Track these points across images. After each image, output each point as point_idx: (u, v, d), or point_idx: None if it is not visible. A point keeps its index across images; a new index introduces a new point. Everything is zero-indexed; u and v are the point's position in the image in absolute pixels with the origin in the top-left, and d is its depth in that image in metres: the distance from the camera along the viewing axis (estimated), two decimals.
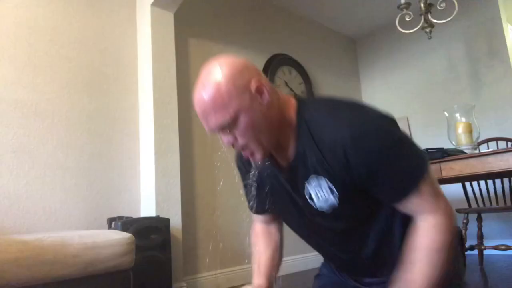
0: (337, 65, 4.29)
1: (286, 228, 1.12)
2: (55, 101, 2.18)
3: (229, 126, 0.84)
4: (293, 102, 0.92)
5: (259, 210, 1.10)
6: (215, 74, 0.84)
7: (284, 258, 1.18)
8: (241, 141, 0.86)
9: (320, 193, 0.89)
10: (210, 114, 0.84)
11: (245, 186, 1.09)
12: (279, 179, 0.96)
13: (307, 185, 0.90)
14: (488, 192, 2.81)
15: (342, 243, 0.96)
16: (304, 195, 0.91)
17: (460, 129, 2.35)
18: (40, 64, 2.16)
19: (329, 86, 4.06)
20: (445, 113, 2.55)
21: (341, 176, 0.84)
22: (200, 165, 2.76)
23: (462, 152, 2.24)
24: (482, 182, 2.91)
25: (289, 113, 0.90)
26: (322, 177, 0.87)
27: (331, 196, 0.87)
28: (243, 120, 0.83)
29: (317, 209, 0.90)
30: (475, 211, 2.75)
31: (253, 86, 0.85)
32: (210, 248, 2.58)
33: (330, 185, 0.87)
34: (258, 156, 0.88)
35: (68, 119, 2.21)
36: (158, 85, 2.45)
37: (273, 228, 1.15)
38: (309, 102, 0.93)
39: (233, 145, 0.88)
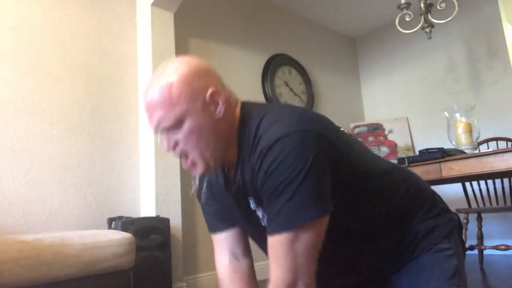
0: (337, 65, 4.29)
1: None
2: (55, 101, 2.18)
3: (172, 128, 0.80)
4: (237, 112, 0.86)
5: (220, 226, 1.00)
6: (172, 72, 0.81)
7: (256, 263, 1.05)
8: (182, 146, 0.82)
9: (260, 212, 0.85)
10: (154, 111, 0.80)
11: (204, 207, 1.03)
12: (229, 194, 0.91)
13: (250, 201, 0.86)
14: (488, 192, 2.81)
15: None
16: (254, 212, 0.87)
17: (460, 129, 2.35)
18: (40, 64, 2.16)
19: (329, 86, 4.06)
20: (445, 113, 2.55)
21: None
22: None
23: (462, 152, 2.24)
24: (482, 182, 2.91)
25: (234, 125, 0.85)
26: (251, 197, 0.84)
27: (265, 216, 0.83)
28: (188, 125, 0.79)
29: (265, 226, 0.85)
30: (475, 211, 2.75)
31: (208, 94, 0.81)
32: (210, 248, 2.57)
33: (255, 206, 0.84)
34: (199, 169, 0.84)
35: (68, 119, 2.21)
36: None
37: (245, 267, 0.99)
38: (254, 110, 0.87)
39: (173, 149, 0.84)
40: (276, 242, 0.76)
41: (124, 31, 2.56)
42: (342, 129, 0.92)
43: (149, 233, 2.05)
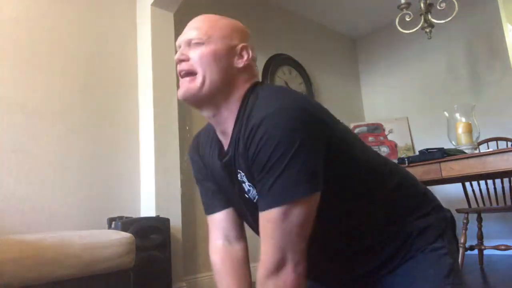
0: (337, 65, 4.29)
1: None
2: (55, 101, 2.18)
3: (195, 43, 0.86)
4: (250, 82, 0.89)
5: (216, 206, 1.00)
6: (227, 17, 0.92)
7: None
8: (189, 63, 0.85)
9: (248, 185, 0.85)
10: (193, 28, 0.88)
11: (200, 181, 1.04)
12: (221, 165, 0.91)
13: (239, 174, 0.86)
14: (488, 192, 2.81)
15: None
16: (241, 185, 0.86)
17: (460, 129, 2.35)
18: (40, 64, 2.16)
19: (329, 86, 4.06)
20: (445, 113, 2.55)
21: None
22: None
23: (462, 152, 2.24)
24: (482, 182, 2.91)
25: (241, 89, 0.87)
26: (241, 172, 0.84)
27: (254, 191, 0.83)
28: (210, 47, 0.85)
29: (254, 202, 0.84)
30: (475, 211, 2.75)
31: (241, 46, 0.88)
32: None
33: (245, 179, 0.83)
34: (190, 85, 0.85)
35: (68, 119, 2.21)
36: (158, 85, 2.45)
37: (238, 251, 0.99)
38: (258, 87, 0.89)
39: (180, 62, 0.87)
40: (266, 219, 0.76)
41: (124, 31, 2.56)
42: (337, 119, 0.92)
43: (149, 233, 2.05)
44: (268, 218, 0.75)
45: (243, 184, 0.86)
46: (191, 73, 0.85)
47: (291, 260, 0.75)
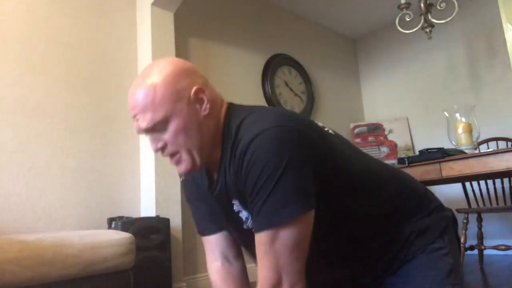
0: (337, 65, 4.29)
1: None
2: (55, 101, 2.18)
3: (158, 130, 0.81)
4: (223, 112, 0.86)
5: (211, 228, 0.99)
6: (155, 73, 0.81)
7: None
8: (170, 147, 0.82)
9: (246, 213, 0.84)
10: (140, 113, 0.81)
11: (192, 202, 1.02)
12: (212, 196, 0.90)
13: (234, 203, 0.85)
14: (488, 192, 2.81)
15: None
16: (238, 216, 0.86)
17: (460, 129, 2.35)
18: (40, 64, 2.16)
19: (329, 86, 4.06)
20: (445, 113, 2.55)
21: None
22: None
23: (462, 152, 2.24)
24: (482, 182, 2.91)
25: (219, 125, 0.85)
26: (236, 199, 0.83)
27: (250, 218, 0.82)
28: (174, 125, 0.80)
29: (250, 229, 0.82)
30: (475, 211, 2.75)
31: (193, 92, 0.81)
32: None
33: (241, 207, 0.83)
34: (183, 167, 0.83)
35: (68, 119, 2.21)
36: None
37: (238, 270, 0.98)
38: (237, 111, 0.87)
39: (162, 151, 0.84)
40: (258, 241, 0.75)
41: (124, 31, 2.56)
42: (326, 128, 0.91)
43: (149, 233, 2.05)
44: (260, 240, 0.75)
45: (240, 214, 0.85)
46: (176, 155, 0.84)
47: (287, 281, 0.74)
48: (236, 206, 0.85)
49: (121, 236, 1.68)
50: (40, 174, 2.05)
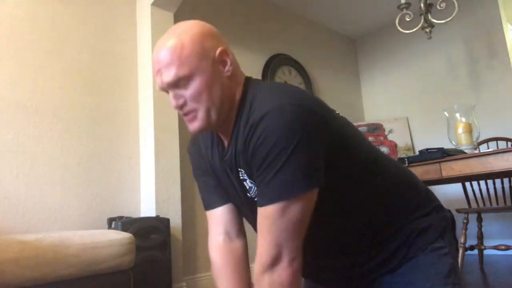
0: (337, 65, 4.29)
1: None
2: (55, 101, 2.18)
3: (180, 85, 0.81)
4: (242, 81, 0.89)
5: (216, 201, 0.99)
6: (183, 31, 0.83)
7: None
8: (191, 104, 0.83)
9: (249, 182, 0.85)
10: (164, 67, 0.81)
11: (199, 177, 1.03)
12: (222, 163, 0.91)
13: (240, 172, 0.86)
14: (488, 192, 2.81)
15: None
16: (243, 183, 0.87)
17: (460, 129, 2.35)
18: (40, 64, 2.16)
19: (329, 86, 4.06)
20: (445, 113, 2.55)
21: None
22: None
23: (462, 152, 2.24)
24: (482, 182, 2.91)
25: (237, 92, 0.86)
26: (242, 169, 0.84)
27: (255, 188, 0.83)
28: (197, 82, 0.81)
29: (256, 200, 0.83)
30: (475, 211, 2.75)
31: (217, 54, 0.83)
32: None
33: (246, 176, 0.83)
34: (197, 124, 0.84)
35: (68, 119, 2.21)
36: None
37: (239, 249, 0.98)
38: (255, 82, 0.90)
39: (180, 108, 0.84)
40: (263, 215, 0.76)
41: (124, 31, 2.56)
42: (337, 112, 0.91)
43: (149, 233, 2.06)
44: (266, 214, 0.76)
45: (245, 182, 0.86)
46: (194, 112, 0.84)
47: (286, 256, 0.75)
48: (242, 174, 0.86)
49: (121, 236, 1.68)
50: (40, 174, 2.05)
